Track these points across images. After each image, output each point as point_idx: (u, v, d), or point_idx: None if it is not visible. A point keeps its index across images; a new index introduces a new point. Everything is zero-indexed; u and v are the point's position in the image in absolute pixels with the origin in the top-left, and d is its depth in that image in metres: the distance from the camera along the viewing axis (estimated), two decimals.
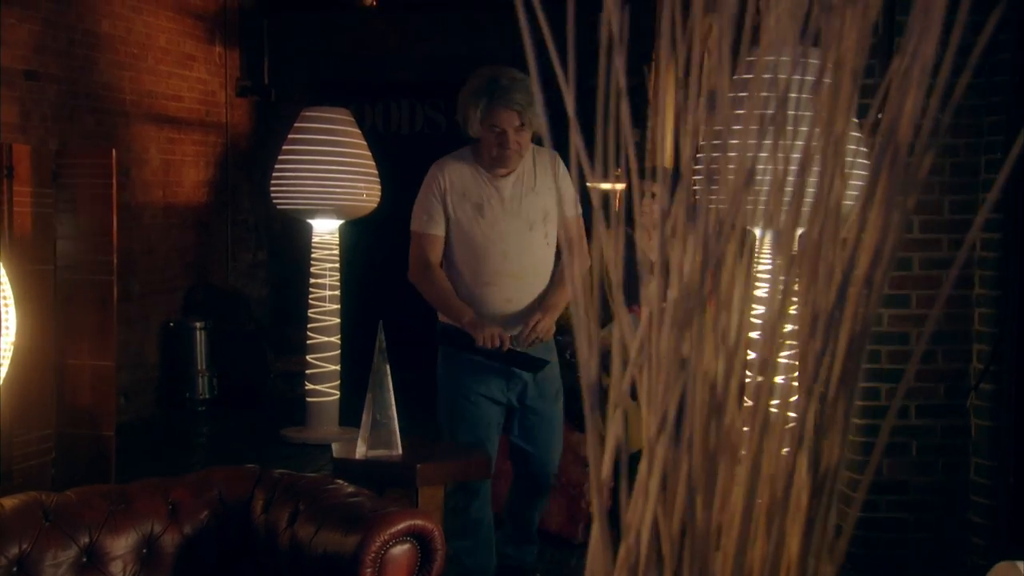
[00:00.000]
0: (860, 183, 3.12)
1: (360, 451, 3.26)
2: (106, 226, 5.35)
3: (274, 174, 6.72)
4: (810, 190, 0.76)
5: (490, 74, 3.71)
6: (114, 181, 5.38)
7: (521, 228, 3.79)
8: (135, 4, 7.73)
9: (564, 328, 4.91)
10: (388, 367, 3.29)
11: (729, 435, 0.73)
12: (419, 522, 2.57)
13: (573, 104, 0.79)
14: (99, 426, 5.43)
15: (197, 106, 8.64)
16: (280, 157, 6.72)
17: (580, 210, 3.80)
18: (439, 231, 3.83)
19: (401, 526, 2.53)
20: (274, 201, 6.81)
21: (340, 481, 2.86)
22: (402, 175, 6.16)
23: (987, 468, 4.35)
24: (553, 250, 3.89)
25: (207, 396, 7.93)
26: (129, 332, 7.68)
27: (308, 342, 6.86)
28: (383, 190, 6.79)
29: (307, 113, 6.78)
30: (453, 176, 3.82)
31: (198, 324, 7.97)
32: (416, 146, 9.74)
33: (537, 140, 3.84)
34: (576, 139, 0.73)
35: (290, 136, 6.73)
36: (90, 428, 5.45)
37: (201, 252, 8.76)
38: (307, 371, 6.87)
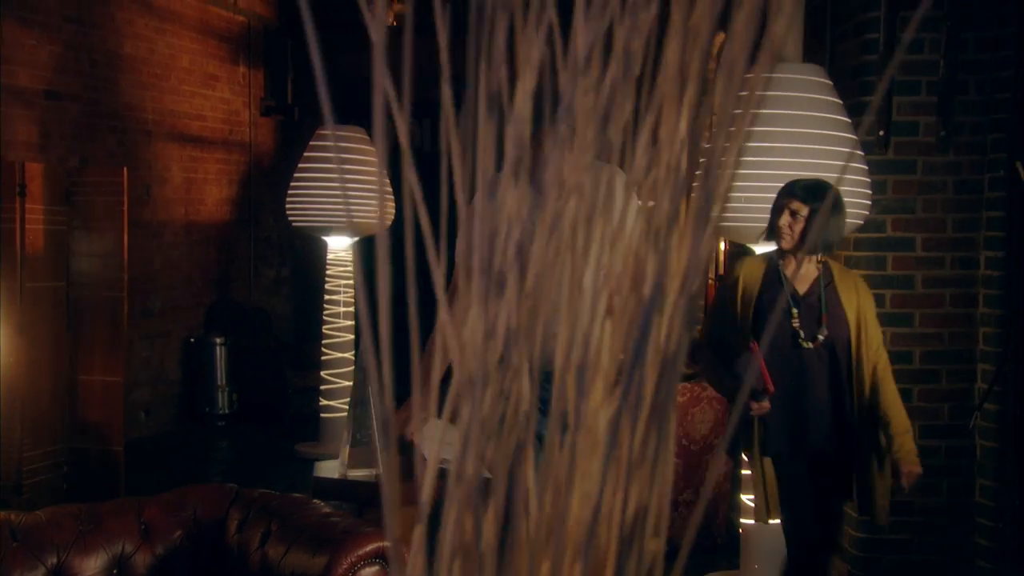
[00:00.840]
0: (863, 206, 2.98)
1: (340, 470, 3.20)
2: (118, 244, 5.34)
3: (289, 191, 6.70)
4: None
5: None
6: (126, 199, 5.38)
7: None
8: (158, 26, 7.75)
9: None
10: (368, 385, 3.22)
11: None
12: (389, 544, 2.49)
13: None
14: (109, 441, 5.41)
15: (220, 125, 8.64)
16: (295, 175, 6.69)
17: None
18: None
19: (369, 548, 2.46)
20: (289, 218, 6.78)
21: (317, 501, 2.80)
22: (427, 190, 6.09)
23: (992, 489, 4.22)
24: None
25: (227, 411, 7.91)
26: (150, 347, 7.68)
27: (323, 358, 6.83)
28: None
29: (322, 132, 6.75)
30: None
31: (218, 340, 7.96)
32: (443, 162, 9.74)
33: None
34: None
35: (305, 154, 6.71)
36: (100, 443, 5.43)
37: (223, 269, 8.75)
38: (321, 387, 6.84)
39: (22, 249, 5.15)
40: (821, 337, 3.32)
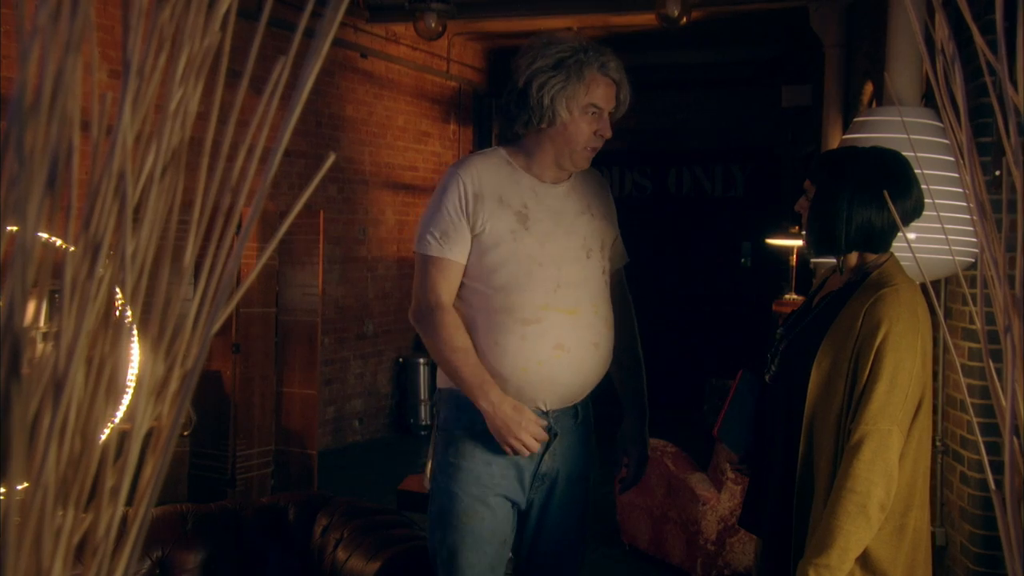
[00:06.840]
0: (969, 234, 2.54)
1: (425, 482, 3.08)
2: (314, 276, 5.46)
3: None
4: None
5: (570, 40, 2.30)
6: (321, 238, 5.49)
7: (578, 251, 2.35)
8: (377, 92, 7.96)
9: None
10: None
11: None
12: None
13: None
14: (305, 445, 5.51)
15: (431, 175, 8.78)
16: None
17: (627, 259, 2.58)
18: (458, 256, 2.35)
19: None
20: None
21: (394, 512, 2.69)
22: None
23: None
24: (610, 293, 2.45)
25: (428, 422, 7.97)
26: (364, 365, 7.84)
27: None
28: None
29: None
30: (485, 176, 2.34)
31: (422, 360, 8.04)
32: (625, 207, 9.56)
33: None
34: None
35: None
36: (299, 446, 5.54)
37: None
38: None
39: (238, 279, 5.34)
40: (773, 368, 2.13)
